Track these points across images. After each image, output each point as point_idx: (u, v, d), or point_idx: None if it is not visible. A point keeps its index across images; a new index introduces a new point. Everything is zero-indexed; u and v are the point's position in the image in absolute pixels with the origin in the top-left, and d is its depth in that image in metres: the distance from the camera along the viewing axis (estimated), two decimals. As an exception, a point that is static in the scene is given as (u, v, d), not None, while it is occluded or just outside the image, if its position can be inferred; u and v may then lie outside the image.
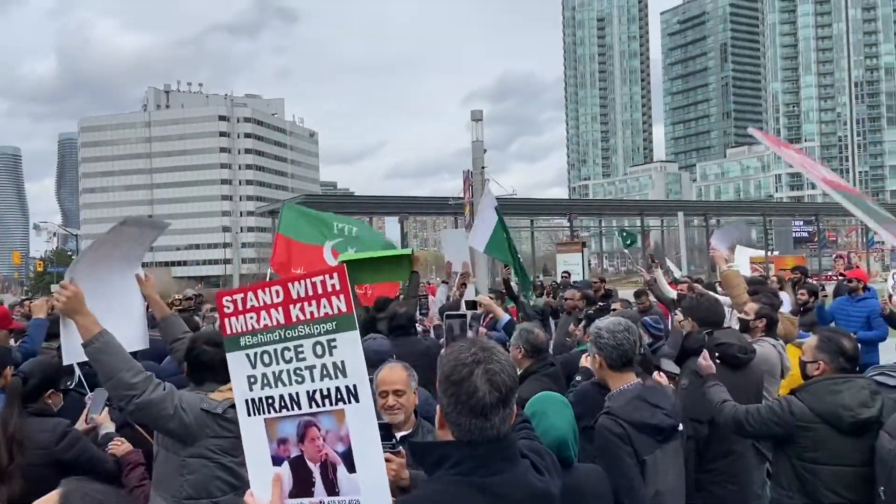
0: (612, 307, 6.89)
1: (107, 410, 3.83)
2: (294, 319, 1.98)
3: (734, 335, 4.69)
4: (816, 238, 62.01)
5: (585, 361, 4.42)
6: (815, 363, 3.67)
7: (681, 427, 3.36)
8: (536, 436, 2.33)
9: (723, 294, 6.63)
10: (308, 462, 1.95)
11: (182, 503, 3.10)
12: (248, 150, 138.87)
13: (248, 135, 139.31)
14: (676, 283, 9.41)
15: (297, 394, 1.97)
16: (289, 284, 1.99)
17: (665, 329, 6.25)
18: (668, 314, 8.26)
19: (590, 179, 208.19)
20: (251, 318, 2.03)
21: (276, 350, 2.00)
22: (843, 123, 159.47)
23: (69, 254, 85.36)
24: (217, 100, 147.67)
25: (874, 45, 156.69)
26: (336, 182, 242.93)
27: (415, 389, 3.34)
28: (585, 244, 39.59)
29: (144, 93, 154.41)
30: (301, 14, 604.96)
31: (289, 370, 1.98)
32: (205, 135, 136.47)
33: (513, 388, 1.87)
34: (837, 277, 10.03)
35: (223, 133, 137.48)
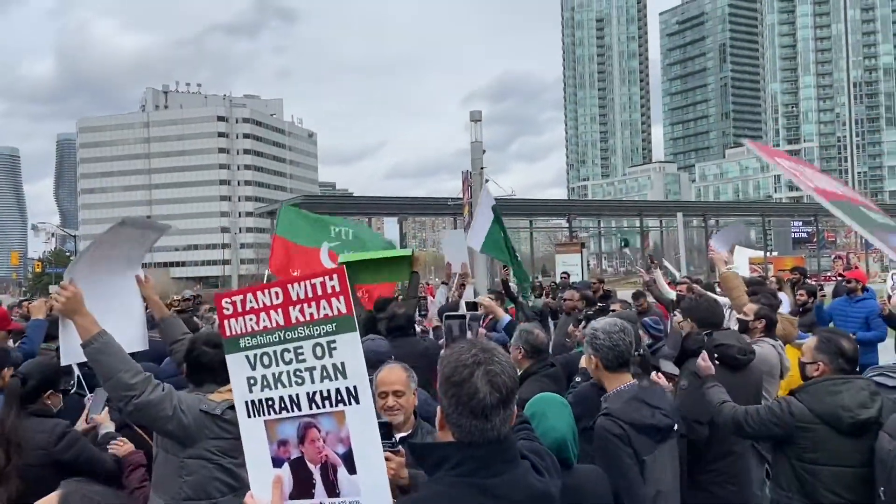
0: (612, 308, 6.88)
1: (107, 410, 3.83)
2: (294, 321, 1.98)
3: (733, 336, 4.69)
4: (815, 239, 62.03)
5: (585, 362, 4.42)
6: (815, 364, 3.68)
7: (675, 426, 3.38)
8: (536, 436, 2.33)
9: (721, 294, 6.63)
10: (308, 463, 1.95)
11: (181, 504, 3.10)
12: (247, 151, 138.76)
13: (247, 135, 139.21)
14: (676, 285, 9.41)
15: (297, 395, 1.97)
16: (288, 286, 1.99)
17: (665, 330, 6.26)
18: (668, 315, 8.25)
19: (589, 180, 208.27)
20: (250, 320, 2.04)
21: (276, 352, 2.00)
22: (842, 124, 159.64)
23: (67, 255, 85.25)
24: (216, 100, 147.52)
25: (873, 46, 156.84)
26: (335, 183, 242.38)
27: (414, 390, 3.33)
28: (584, 245, 39.62)
29: (143, 93, 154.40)
30: (301, 14, 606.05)
31: (289, 372, 1.98)
32: (203, 135, 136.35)
33: (513, 390, 1.88)
34: (836, 278, 10.02)
35: (222, 134, 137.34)
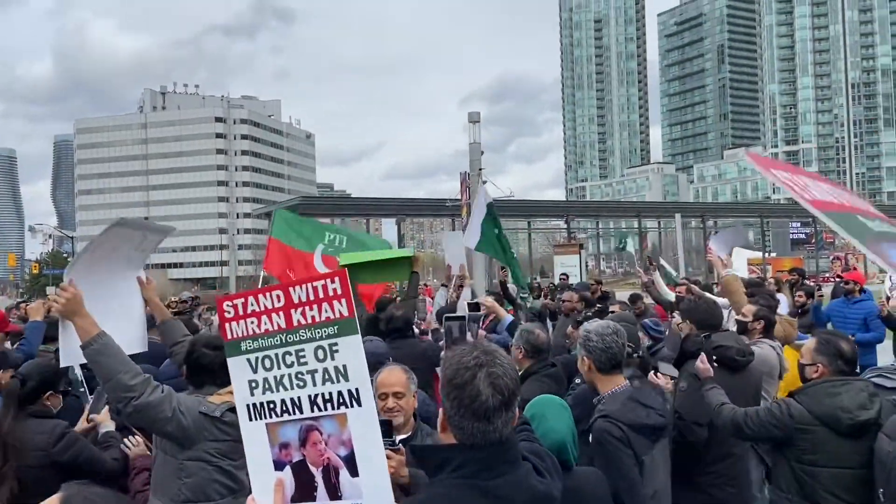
0: (611, 309, 6.88)
1: (107, 408, 3.83)
2: (295, 324, 1.98)
3: (732, 338, 4.69)
4: (814, 240, 62.12)
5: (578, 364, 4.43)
6: (814, 366, 3.68)
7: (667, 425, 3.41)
8: (536, 438, 2.34)
9: (718, 296, 6.63)
10: (310, 466, 1.95)
11: (180, 506, 3.10)
12: (245, 152, 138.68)
13: (245, 136, 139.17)
14: (675, 286, 9.41)
15: (299, 398, 1.97)
16: (290, 289, 2.00)
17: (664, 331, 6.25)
18: (665, 317, 8.25)
19: (587, 181, 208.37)
20: (252, 323, 2.04)
21: (278, 354, 2.00)
22: (840, 125, 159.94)
23: (65, 256, 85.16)
24: (213, 101, 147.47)
25: (871, 47, 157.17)
26: (333, 184, 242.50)
27: (414, 392, 3.33)
28: (583, 246, 39.64)
29: (141, 94, 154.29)
30: (299, 15, 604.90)
31: (290, 374, 1.98)
32: (201, 136, 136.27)
33: (515, 392, 1.88)
34: (834, 279, 10.05)
35: (219, 135, 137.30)
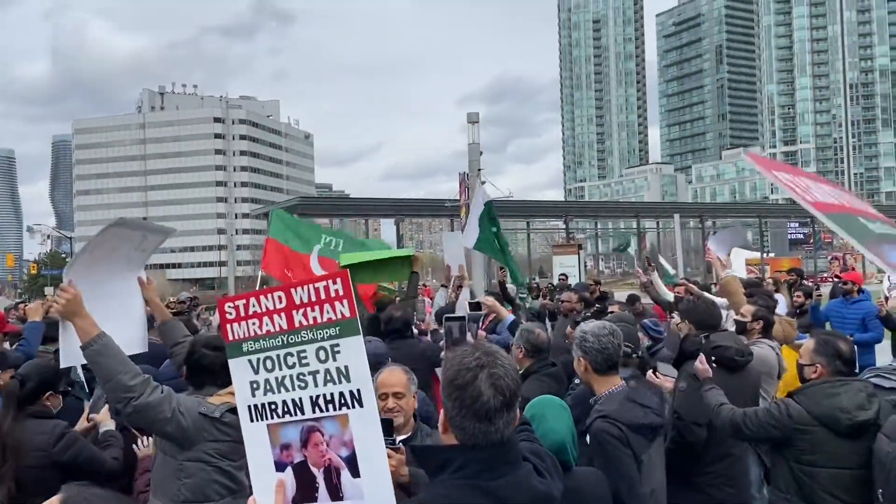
0: (610, 309, 6.88)
1: (107, 407, 3.83)
2: (297, 325, 1.99)
3: (731, 338, 4.69)
4: (812, 240, 62.18)
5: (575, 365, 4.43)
6: (813, 366, 3.68)
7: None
8: (536, 438, 2.34)
9: (717, 295, 6.64)
10: (312, 467, 1.95)
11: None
12: (243, 153, 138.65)
13: (243, 137, 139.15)
14: (674, 286, 9.42)
15: (301, 399, 1.97)
16: (291, 290, 2.00)
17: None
18: (664, 317, 8.25)
19: (586, 181, 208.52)
20: (253, 324, 2.04)
21: (279, 355, 2.01)
22: (838, 125, 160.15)
23: (63, 256, 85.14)
24: (212, 101, 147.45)
25: (869, 48, 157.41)
26: (331, 184, 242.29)
27: (414, 393, 3.33)
28: (581, 246, 39.61)
29: (139, 94, 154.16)
30: (297, 15, 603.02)
31: (292, 375, 1.98)
32: (199, 137, 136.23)
33: (516, 392, 1.89)
34: (833, 279, 10.07)
35: (218, 135, 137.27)
